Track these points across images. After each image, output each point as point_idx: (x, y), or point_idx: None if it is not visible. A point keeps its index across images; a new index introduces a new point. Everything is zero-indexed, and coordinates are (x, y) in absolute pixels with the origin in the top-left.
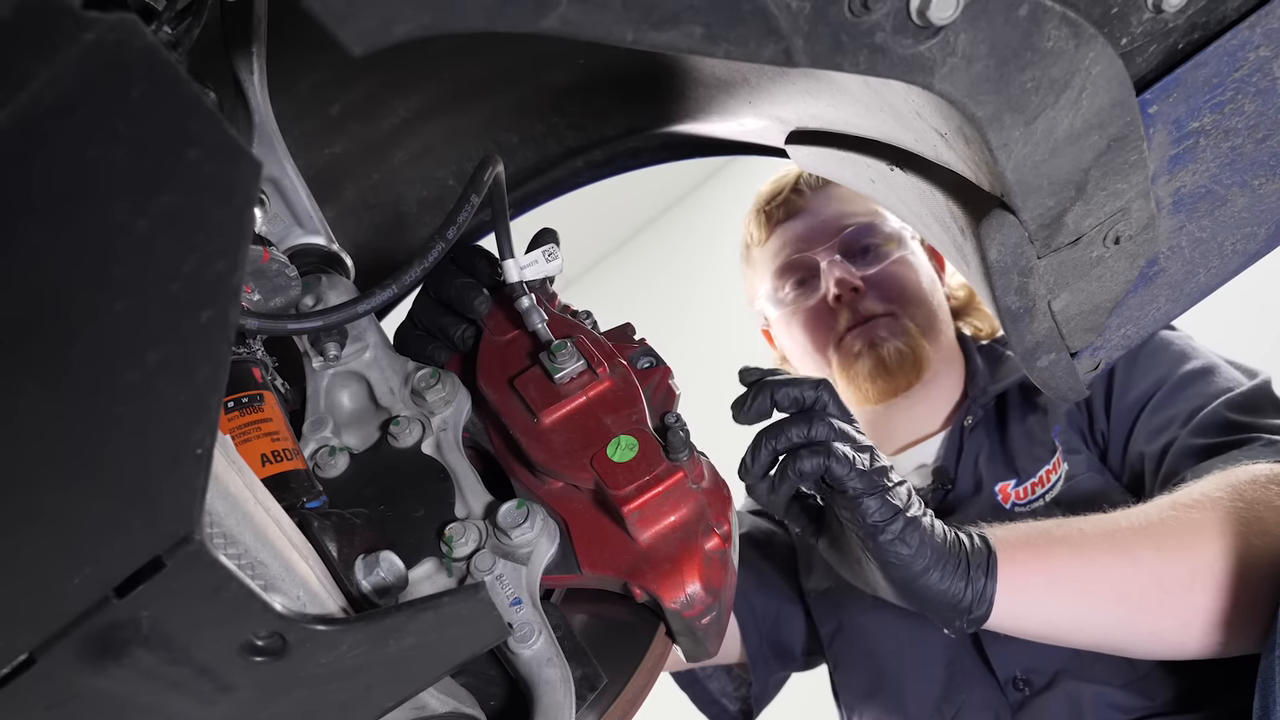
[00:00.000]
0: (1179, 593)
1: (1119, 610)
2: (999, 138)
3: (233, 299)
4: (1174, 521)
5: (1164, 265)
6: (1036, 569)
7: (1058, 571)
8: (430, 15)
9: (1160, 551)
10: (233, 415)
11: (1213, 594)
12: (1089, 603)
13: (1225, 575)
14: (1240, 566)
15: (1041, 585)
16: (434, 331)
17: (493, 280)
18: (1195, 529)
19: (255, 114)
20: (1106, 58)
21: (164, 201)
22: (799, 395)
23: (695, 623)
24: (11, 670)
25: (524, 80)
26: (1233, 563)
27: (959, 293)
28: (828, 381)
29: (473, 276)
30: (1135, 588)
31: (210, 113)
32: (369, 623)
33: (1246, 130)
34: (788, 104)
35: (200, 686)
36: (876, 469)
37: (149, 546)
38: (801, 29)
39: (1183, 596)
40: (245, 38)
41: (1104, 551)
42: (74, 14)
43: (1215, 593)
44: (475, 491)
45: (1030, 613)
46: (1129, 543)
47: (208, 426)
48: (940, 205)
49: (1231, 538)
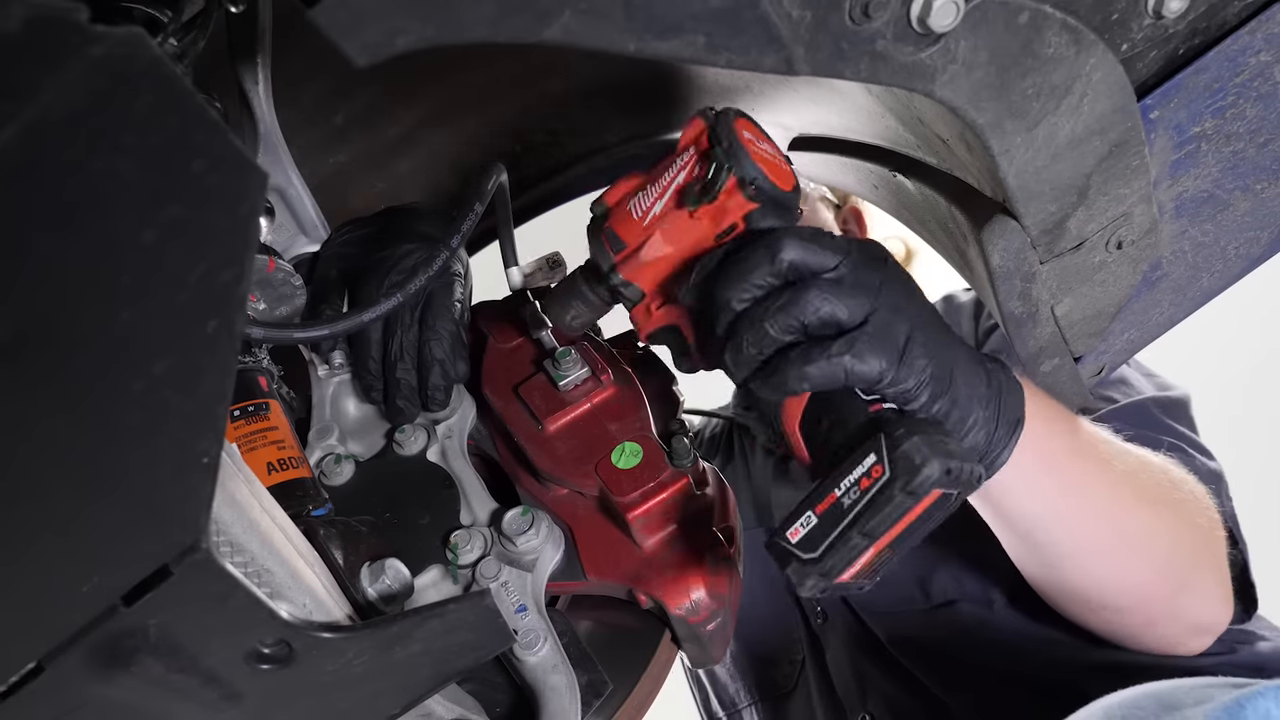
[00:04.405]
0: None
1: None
2: (1000, 144)
3: (239, 308)
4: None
5: (1167, 270)
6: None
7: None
8: (433, 27)
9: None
10: (239, 424)
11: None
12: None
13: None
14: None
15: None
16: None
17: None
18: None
19: (261, 124)
20: (1107, 64)
21: (171, 212)
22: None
23: (700, 629)
24: (20, 678)
25: (527, 88)
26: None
27: None
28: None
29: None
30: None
31: (216, 124)
32: (375, 630)
33: (1248, 135)
34: (791, 111)
35: (207, 694)
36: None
37: (156, 555)
38: (803, 37)
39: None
40: (250, 49)
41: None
42: (81, 28)
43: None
44: (480, 498)
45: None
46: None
47: (214, 435)
48: (943, 211)
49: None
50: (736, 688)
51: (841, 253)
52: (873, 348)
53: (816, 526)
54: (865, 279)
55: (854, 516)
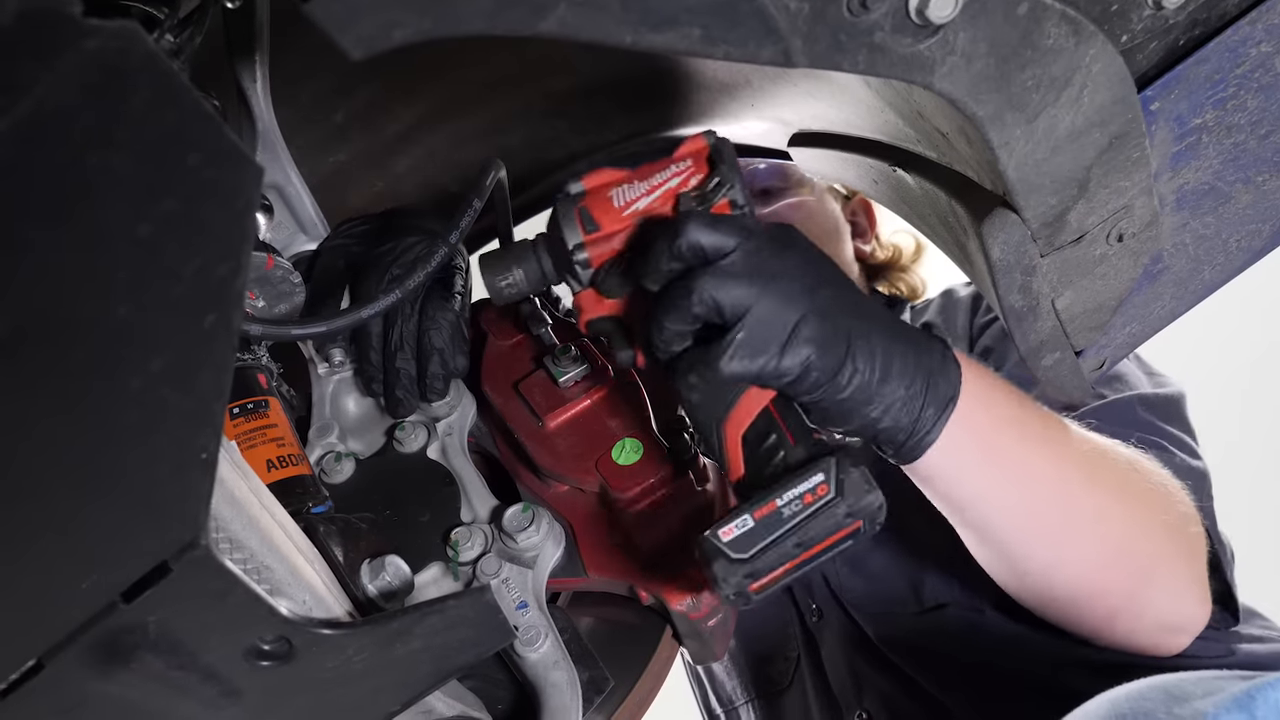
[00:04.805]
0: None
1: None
2: (1000, 136)
3: (236, 304)
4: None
5: (1168, 263)
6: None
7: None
8: (429, 20)
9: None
10: (238, 421)
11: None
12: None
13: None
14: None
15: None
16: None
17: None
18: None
19: (259, 121)
20: (1107, 55)
21: (166, 206)
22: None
23: (702, 625)
24: (20, 676)
25: (526, 85)
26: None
27: (881, 252)
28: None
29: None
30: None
31: (211, 118)
32: (375, 626)
33: (1249, 126)
34: (790, 106)
35: (207, 691)
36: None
37: (156, 552)
38: (800, 29)
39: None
40: (248, 46)
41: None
42: (75, 21)
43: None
44: (481, 496)
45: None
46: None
47: (212, 432)
48: (943, 205)
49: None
50: (733, 685)
51: (740, 236)
52: (750, 346)
53: (752, 530)
54: (761, 264)
55: (793, 526)
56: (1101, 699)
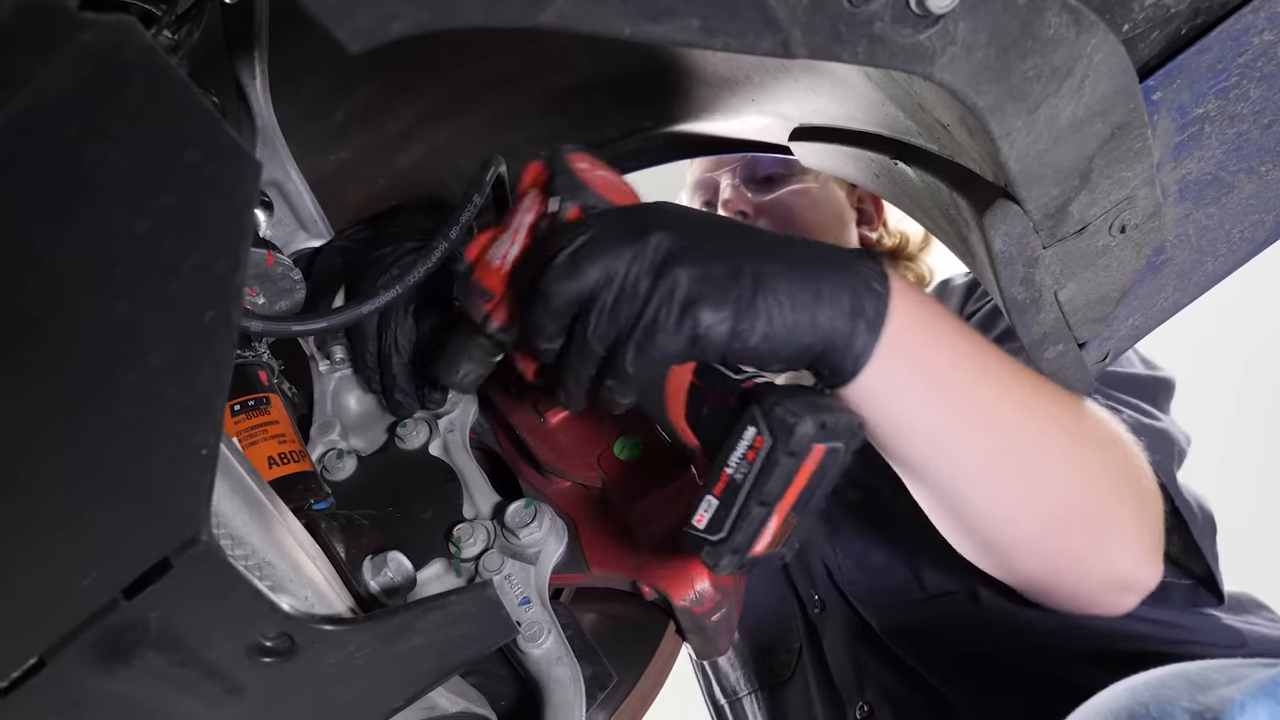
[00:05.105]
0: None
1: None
2: (1001, 127)
3: (235, 299)
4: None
5: (1171, 254)
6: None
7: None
8: (427, 12)
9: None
10: (239, 418)
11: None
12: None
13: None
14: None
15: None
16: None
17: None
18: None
19: (258, 118)
20: (1108, 44)
21: (164, 202)
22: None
23: (705, 620)
24: (22, 674)
25: (526, 82)
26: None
27: (888, 239)
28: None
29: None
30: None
31: (209, 113)
32: (377, 622)
33: (1252, 116)
34: (790, 100)
35: (209, 688)
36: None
37: (157, 548)
38: (799, 20)
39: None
40: (247, 42)
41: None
42: (71, 15)
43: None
44: (483, 492)
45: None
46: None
47: (212, 427)
48: (945, 198)
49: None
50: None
51: (580, 230)
52: (611, 318)
53: (719, 508)
54: (609, 234)
55: (749, 489)
56: (1119, 687)
